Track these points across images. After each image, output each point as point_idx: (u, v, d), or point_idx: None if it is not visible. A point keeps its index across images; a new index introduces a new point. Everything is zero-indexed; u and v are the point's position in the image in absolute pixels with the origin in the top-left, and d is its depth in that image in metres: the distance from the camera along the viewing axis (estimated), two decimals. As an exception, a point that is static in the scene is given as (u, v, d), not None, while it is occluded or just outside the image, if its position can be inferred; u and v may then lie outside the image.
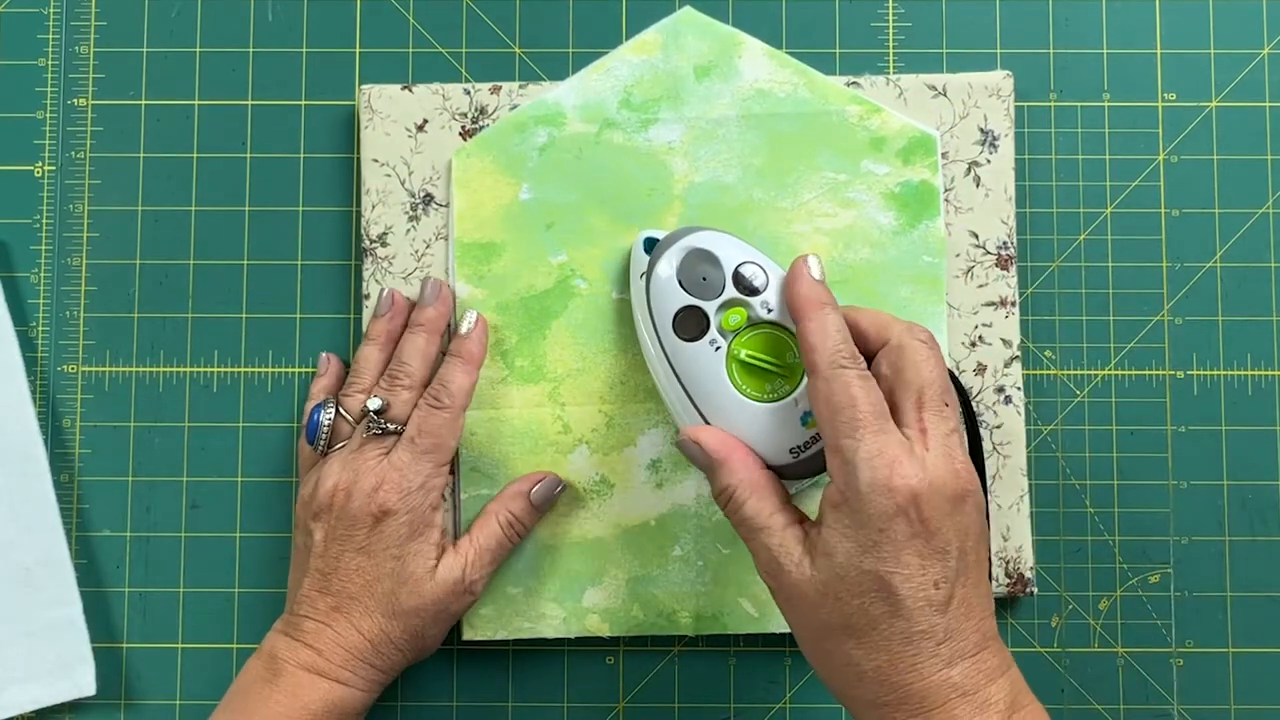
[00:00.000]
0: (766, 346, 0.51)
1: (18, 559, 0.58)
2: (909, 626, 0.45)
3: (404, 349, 0.56)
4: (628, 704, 0.59)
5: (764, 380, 0.51)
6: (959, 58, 0.61)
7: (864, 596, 0.46)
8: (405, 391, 0.55)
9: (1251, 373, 0.60)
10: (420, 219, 0.59)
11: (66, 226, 0.60)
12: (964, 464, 0.47)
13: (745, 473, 0.50)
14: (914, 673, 0.45)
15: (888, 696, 0.46)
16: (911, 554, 0.45)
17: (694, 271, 0.52)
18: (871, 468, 0.46)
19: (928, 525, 0.45)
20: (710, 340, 0.51)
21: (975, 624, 0.46)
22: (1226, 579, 0.59)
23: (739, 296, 0.51)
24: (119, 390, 0.60)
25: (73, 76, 0.61)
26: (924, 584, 0.45)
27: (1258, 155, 0.60)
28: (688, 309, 0.52)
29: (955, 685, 0.45)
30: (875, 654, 0.46)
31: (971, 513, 0.47)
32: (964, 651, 0.46)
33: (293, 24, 0.61)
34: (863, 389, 0.47)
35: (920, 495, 0.45)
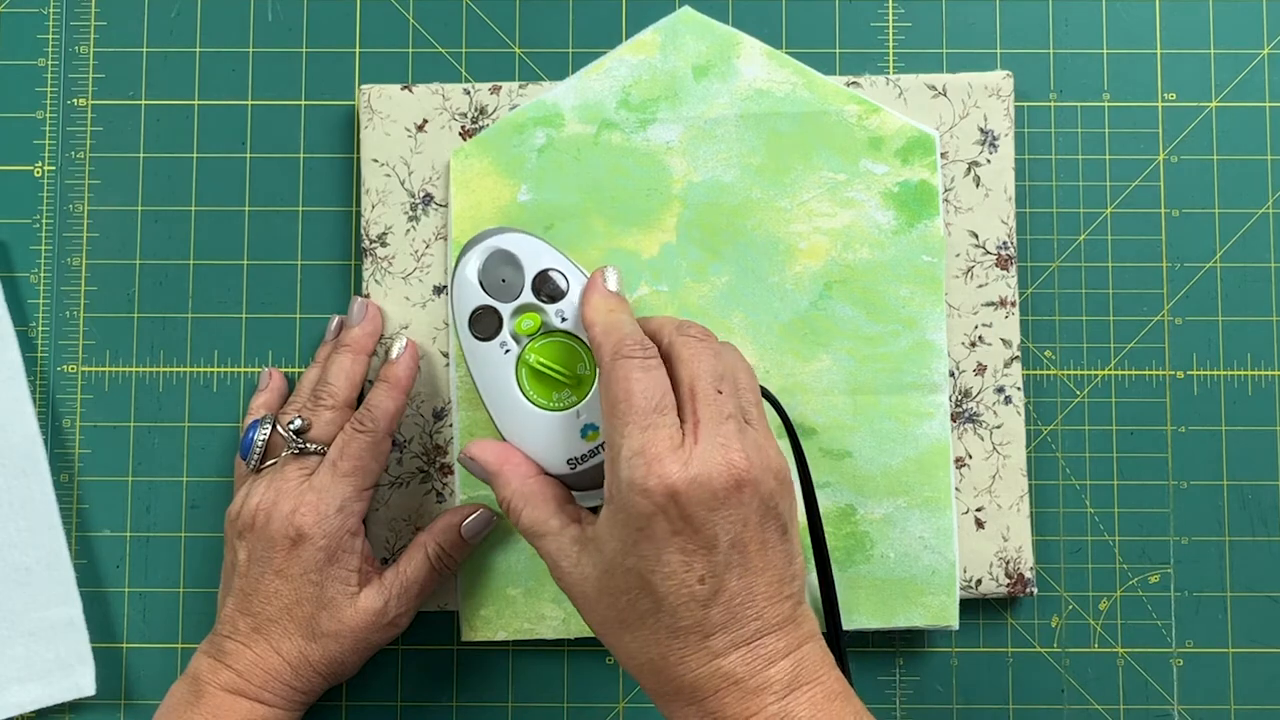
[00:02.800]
0: (558, 356, 0.52)
1: (18, 559, 0.58)
2: (674, 622, 0.45)
3: (329, 369, 0.56)
4: (628, 704, 0.59)
5: (551, 389, 0.52)
6: (959, 58, 0.61)
7: (630, 593, 0.46)
8: (328, 411, 0.55)
9: (1251, 373, 0.60)
10: (420, 219, 0.59)
11: (66, 226, 0.60)
12: (740, 452, 0.46)
13: (519, 483, 0.51)
14: (683, 665, 0.45)
15: (665, 688, 0.46)
16: (673, 551, 0.45)
17: (495, 272, 0.52)
18: (630, 466, 0.45)
19: (690, 522, 0.45)
20: (501, 343, 0.52)
21: (756, 611, 0.46)
22: (1226, 579, 0.59)
23: (535, 302, 0.52)
24: (119, 390, 0.60)
25: (73, 76, 0.61)
26: (687, 580, 0.45)
27: (1258, 155, 0.60)
28: (483, 309, 0.52)
29: (727, 674, 0.45)
30: (647, 648, 0.46)
31: (750, 500, 0.46)
32: (740, 639, 0.45)
33: (293, 24, 0.61)
34: (641, 380, 0.47)
35: (679, 493, 0.45)
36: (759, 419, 0.49)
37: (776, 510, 0.47)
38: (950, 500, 0.57)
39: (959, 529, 0.57)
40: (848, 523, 0.57)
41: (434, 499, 0.58)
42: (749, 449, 0.46)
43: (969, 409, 0.58)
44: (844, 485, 0.57)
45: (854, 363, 0.57)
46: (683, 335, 0.49)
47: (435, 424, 0.58)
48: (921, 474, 0.57)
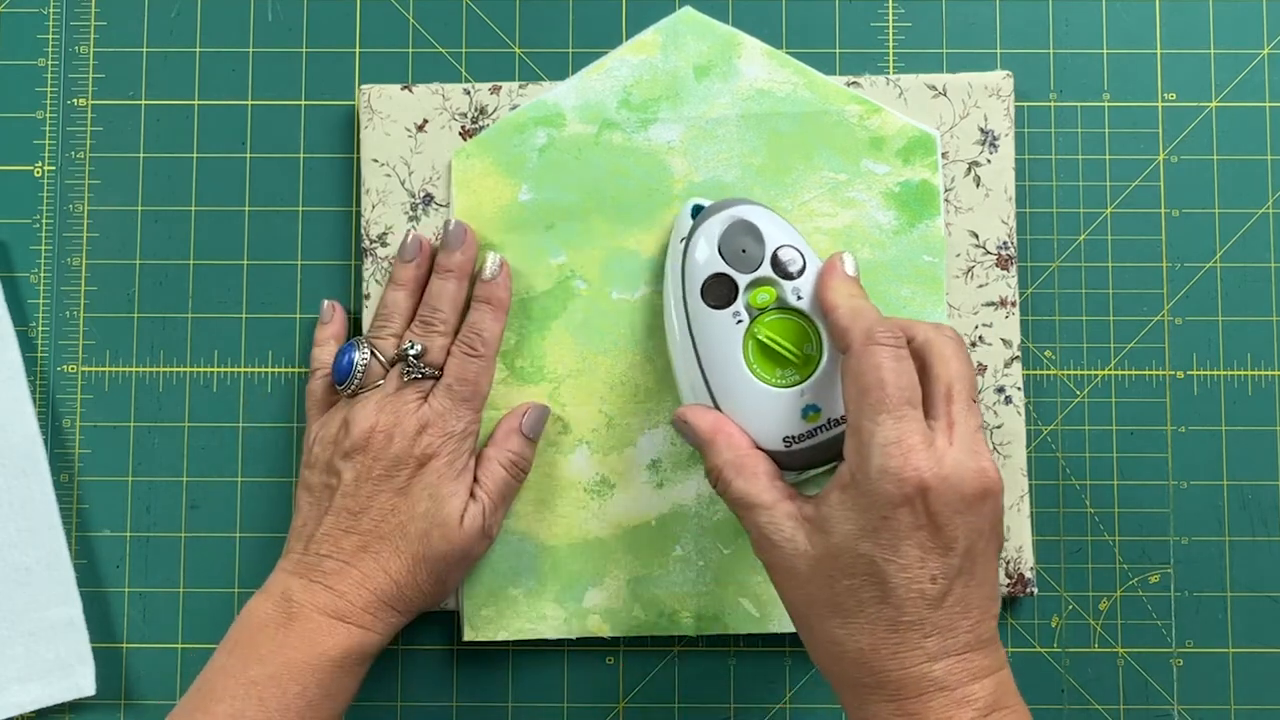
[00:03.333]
0: (787, 332, 0.51)
1: (18, 559, 0.58)
2: (897, 615, 0.45)
3: (435, 294, 0.56)
4: (628, 704, 0.59)
5: (777, 365, 0.51)
6: (959, 58, 0.61)
7: (855, 578, 0.46)
8: (440, 337, 0.55)
9: (1251, 373, 0.60)
10: (420, 219, 0.59)
11: (66, 226, 0.60)
12: (991, 463, 0.47)
13: (731, 453, 0.50)
14: (895, 660, 0.45)
15: (866, 679, 0.46)
16: (912, 545, 0.45)
17: (735, 242, 0.52)
18: (885, 454, 0.45)
19: (934, 519, 0.45)
20: (734, 312, 0.51)
21: (971, 624, 0.46)
22: (1226, 579, 0.59)
23: (773, 276, 0.51)
24: (119, 390, 0.60)
25: (73, 76, 0.61)
26: (919, 576, 0.45)
27: (1258, 155, 0.60)
28: (720, 276, 0.51)
29: (936, 679, 0.45)
30: (859, 636, 0.46)
31: (989, 513, 0.46)
32: (952, 649, 0.45)
33: (293, 24, 0.61)
34: (894, 369, 0.47)
35: (930, 489, 0.45)
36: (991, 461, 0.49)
37: (999, 527, 0.48)
38: None
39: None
40: None
41: (434, 499, 0.58)
42: (995, 467, 0.47)
43: (969, 409, 0.58)
44: None
45: (854, 363, 0.57)
46: (941, 335, 0.49)
47: (435, 424, 0.58)
48: None
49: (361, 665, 0.52)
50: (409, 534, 0.53)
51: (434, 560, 0.53)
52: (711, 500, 0.57)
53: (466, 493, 0.54)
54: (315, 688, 0.50)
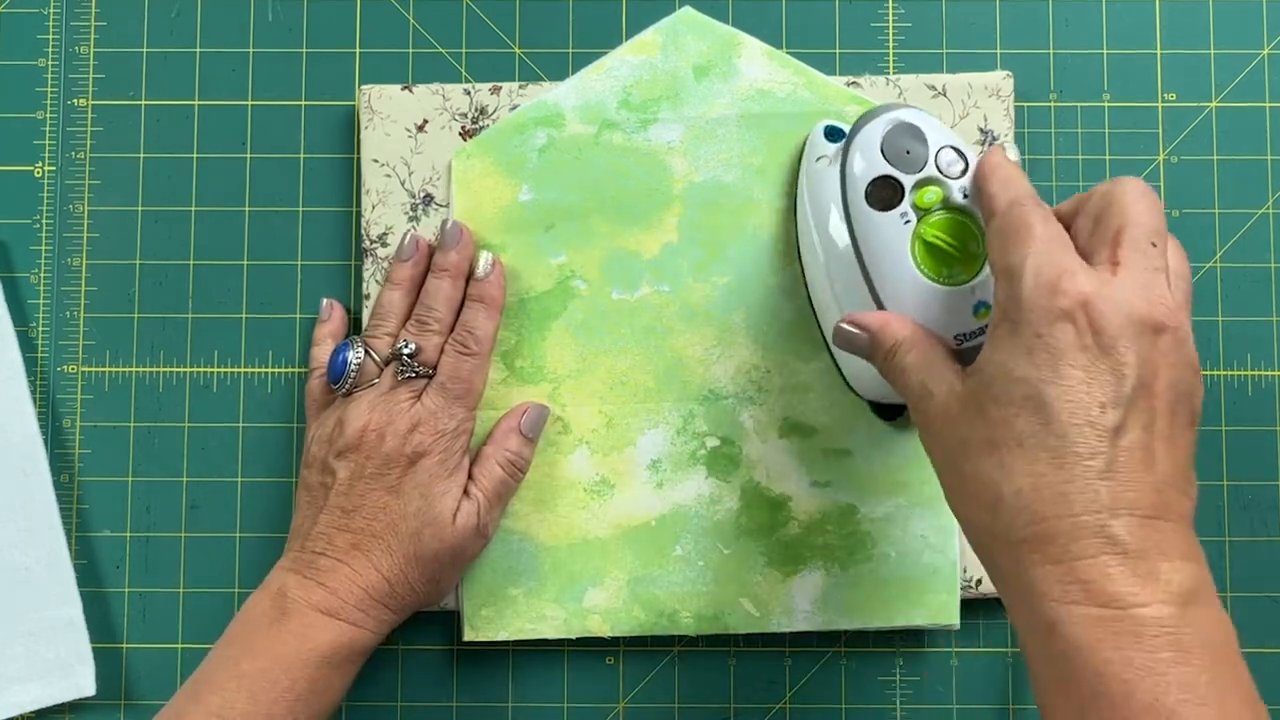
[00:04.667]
0: (954, 230, 0.49)
1: (18, 559, 0.58)
2: (1061, 444, 0.39)
3: (430, 294, 0.56)
4: (628, 704, 0.59)
5: (944, 264, 0.49)
6: (959, 58, 0.61)
7: (1011, 406, 0.40)
8: (435, 336, 0.55)
9: (1251, 373, 0.60)
10: (420, 219, 0.59)
11: (66, 226, 0.60)
12: (1168, 299, 0.41)
13: (909, 329, 0.47)
14: (1061, 503, 0.39)
15: (1025, 530, 0.39)
16: (1074, 366, 0.40)
17: (897, 143, 0.50)
18: (1038, 275, 0.41)
19: (1100, 337, 0.40)
20: (902, 213, 0.50)
21: (1157, 483, 0.39)
22: (1226, 579, 0.59)
23: (938, 175, 0.50)
24: (119, 390, 0.60)
25: (73, 76, 0.61)
26: (1086, 402, 0.39)
27: (1258, 155, 0.60)
28: (885, 179, 0.50)
29: (1116, 538, 0.38)
30: (1017, 475, 0.40)
31: (1167, 352, 0.40)
32: (1135, 505, 0.38)
33: (293, 24, 0.61)
34: (1041, 220, 0.43)
35: (1093, 303, 0.40)
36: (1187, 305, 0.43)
37: (1190, 390, 0.41)
38: None
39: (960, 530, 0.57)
40: (849, 522, 0.57)
41: (434, 499, 0.58)
42: (1181, 310, 0.41)
43: (969, 409, 0.58)
44: (845, 484, 0.57)
45: (854, 362, 0.57)
46: (1117, 184, 0.44)
47: (435, 424, 0.58)
48: (923, 472, 0.57)
49: (353, 662, 0.52)
50: (400, 532, 0.53)
51: (426, 559, 0.53)
52: (712, 501, 0.57)
53: (460, 491, 0.54)
54: (305, 682, 0.50)
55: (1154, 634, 0.37)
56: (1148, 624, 0.37)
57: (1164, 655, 0.37)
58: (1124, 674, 0.37)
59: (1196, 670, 0.37)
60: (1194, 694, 0.36)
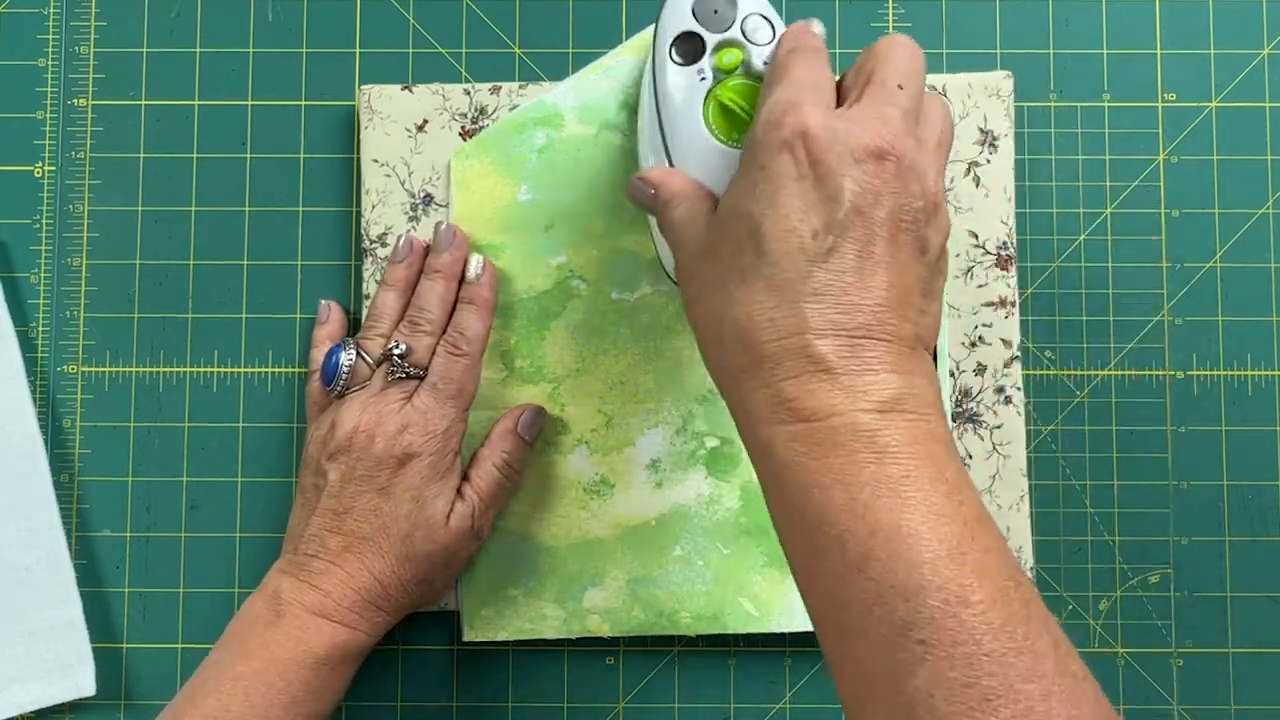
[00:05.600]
0: (750, 96, 0.49)
1: (18, 559, 0.58)
2: (773, 273, 0.40)
3: (423, 295, 0.56)
4: (628, 704, 0.59)
5: (735, 128, 0.49)
6: (959, 58, 0.61)
7: (735, 242, 0.42)
8: (426, 337, 0.55)
9: (1251, 373, 0.60)
10: (420, 219, 0.59)
11: (66, 226, 0.60)
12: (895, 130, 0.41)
13: (681, 185, 0.47)
14: (770, 328, 0.40)
15: (742, 358, 0.41)
16: (791, 195, 0.41)
17: (709, 3, 0.51)
18: (770, 110, 0.42)
19: (817, 167, 0.41)
20: (699, 69, 0.50)
21: (870, 302, 0.40)
22: (1226, 579, 0.59)
23: (741, 39, 0.50)
24: (119, 390, 0.60)
25: (73, 76, 0.61)
26: (800, 230, 0.40)
27: (1258, 155, 0.60)
28: (689, 34, 0.50)
29: (818, 356, 0.39)
30: (737, 306, 0.41)
31: (889, 180, 0.41)
32: (842, 325, 0.40)
33: (293, 24, 0.61)
34: (802, 62, 0.44)
35: (810, 132, 0.41)
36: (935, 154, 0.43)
37: (915, 219, 0.42)
38: None
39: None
40: None
41: (434, 499, 0.58)
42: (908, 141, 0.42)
43: (969, 409, 0.58)
44: None
45: (854, 363, 0.57)
46: (887, 35, 0.45)
47: (435, 424, 0.58)
48: None
49: (348, 664, 0.52)
50: (392, 534, 0.52)
51: (418, 560, 0.53)
52: (711, 501, 0.57)
53: (452, 493, 0.54)
54: (300, 685, 0.50)
55: (850, 439, 0.39)
56: (843, 431, 0.39)
57: (861, 457, 0.39)
58: (823, 480, 0.39)
59: (896, 468, 0.38)
60: (888, 488, 0.38)
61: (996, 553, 0.38)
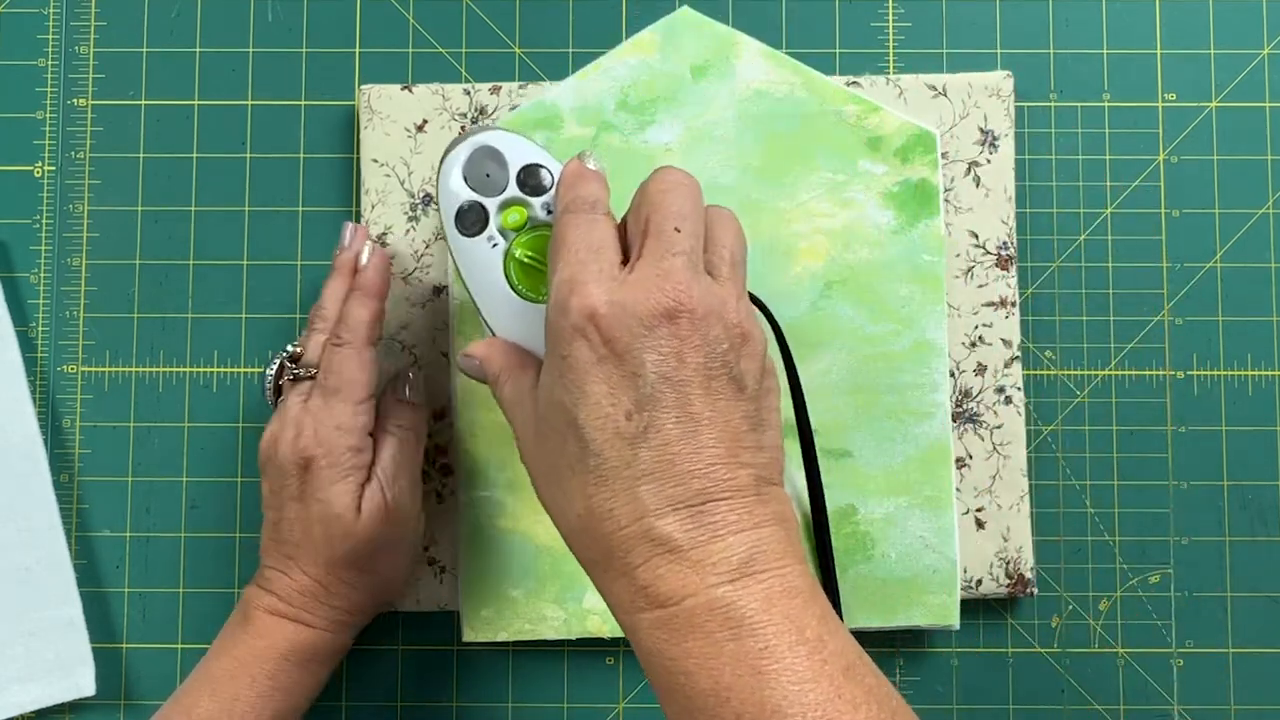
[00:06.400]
0: (543, 247, 0.49)
1: (18, 559, 0.58)
2: (599, 463, 0.40)
3: (322, 295, 0.55)
4: (627, 704, 0.59)
5: (539, 281, 0.49)
6: (959, 58, 0.61)
7: (559, 434, 0.42)
8: (319, 334, 0.54)
9: (1251, 373, 0.60)
10: (420, 219, 0.59)
11: (66, 226, 0.60)
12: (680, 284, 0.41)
13: (502, 359, 0.47)
14: (610, 520, 0.40)
15: (592, 552, 0.41)
16: (598, 381, 0.40)
17: (479, 168, 0.51)
18: (556, 295, 0.42)
19: (613, 346, 0.40)
20: (489, 237, 0.50)
21: (704, 468, 0.40)
22: (1226, 579, 0.59)
23: (521, 196, 0.50)
24: (119, 390, 0.60)
25: (73, 76, 0.61)
26: (611, 413, 0.40)
27: (1258, 155, 0.60)
28: (470, 204, 0.50)
29: (662, 538, 0.39)
30: (575, 500, 0.41)
31: (688, 335, 0.40)
32: (679, 499, 0.39)
33: (293, 24, 0.61)
34: (579, 228, 0.43)
35: (598, 313, 0.40)
36: (730, 279, 0.43)
37: (725, 360, 0.41)
38: (951, 500, 0.57)
39: (959, 529, 0.57)
40: (848, 522, 0.57)
41: (434, 499, 0.58)
42: (695, 287, 0.41)
43: (969, 409, 0.58)
44: (845, 485, 0.57)
45: (854, 363, 0.57)
46: (654, 174, 0.44)
47: (435, 424, 0.58)
48: (922, 473, 0.57)
49: (317, 661, 0.53)
50: (314, 538, 0.52)
51: (344, 559, 0.52)
52: None
53: (356, 487, 0.52)
54: (265, 679, 0.51)
55: (706, 619, 0.38)
56: (699, 612, 0.38)
57: (719, 637, 0.38)
58: (685, 667, 0.38)
59: (753, 642, 0.38)
60: (748, 664, 0.37)
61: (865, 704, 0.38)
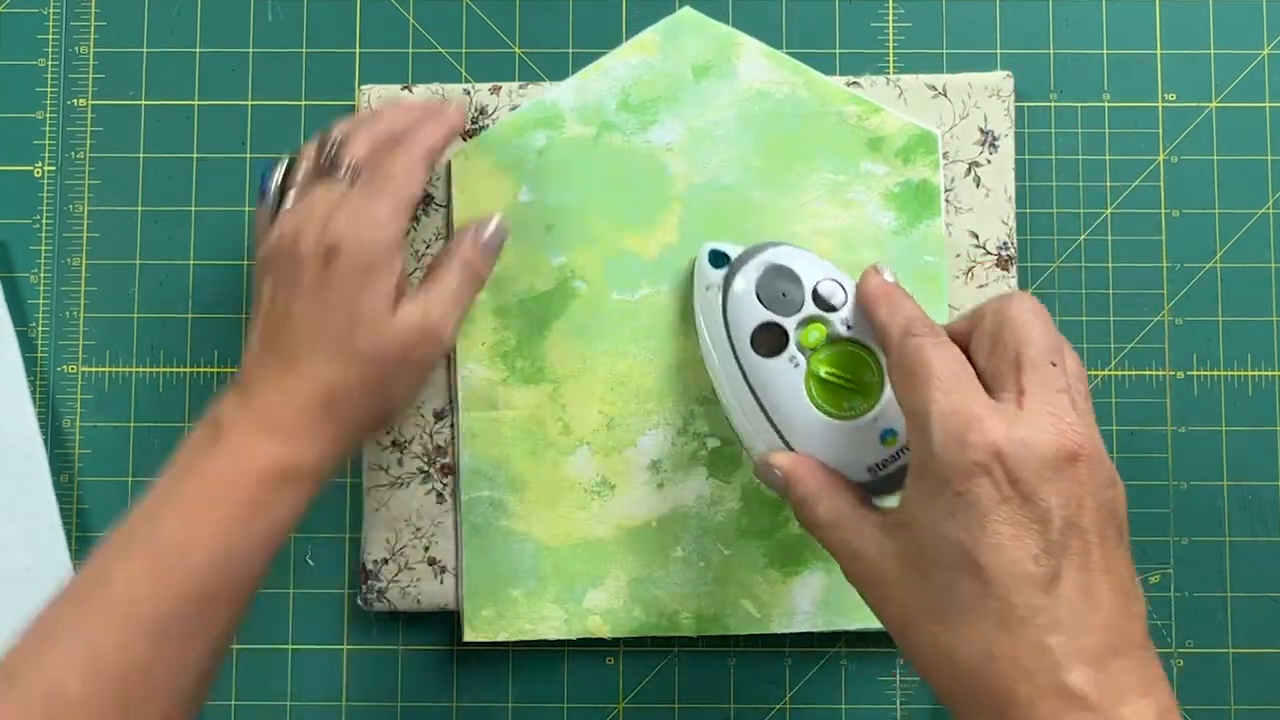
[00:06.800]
0: (845, 364, 0.50)
1: (18, 559, 0.58)
2: (1003, 608, 0.38)
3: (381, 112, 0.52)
4: (628, 704, 0.59)
5: (842, 398, 0.50)
6: (959, 58, 0.61)
7: (948, 572, 0.40)
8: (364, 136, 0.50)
9: (1251, 373, 0.60)
10: (420, 219, 0.59)
11: (66, 226, 0.60)
12: (1076, 423, 0.40)
13: (815, 480, 0.47)
14: (1015, 670, 0.38)
15: (988, 699, 0.39)
16: (1001, 520, 0.39)
17: (773, 287, 0.51)
18: (943, 427, 0.40)
19: (1019, 487, 0.39)
20: (790, 357, 0.50)
21: (1104, 622, 0.39)
22: (1226, 579, 0.59)
23: (818, 313, 0.50)
24: (119, 390, 0.60)
25: (73, 76, 0.61)
26: (1018, 557, 0.39)
27: (1258, 155, 0.60)
28: (767, 325, 0.50)
29: (1073, 693, 0.37)
30: (969, 642, 0.39)
31: (1085, 481, 0.39)
32: (1084, 652, 0.38)
33: (293, 24, 0.61)
34: (937, 353, 0.42)
35: (1005, 452, 0.39)
36: (1090, 415, 0.42)
37: (1112, 507, 0.41)
38: None
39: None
40: None
41: (434, 499, 0.58)
42: (1086, 429, 0.40)
43: (969, 409, 0.58)
44: None
45: (855, 363, 0.57)
46: (1012, 301, 0.43)
47: (435, 424, 0.58)
48: None
49: (295, 485, 0.47)
50: (332, 334, 0.48)
51: (365, 361, 0.48)
52: (712, 502, 0.57)
53: (391, 287, 0.48)
54: (241, 504, 0.45)
55: None
56: None
57: None
58: None
59: None
60: None
61: None
